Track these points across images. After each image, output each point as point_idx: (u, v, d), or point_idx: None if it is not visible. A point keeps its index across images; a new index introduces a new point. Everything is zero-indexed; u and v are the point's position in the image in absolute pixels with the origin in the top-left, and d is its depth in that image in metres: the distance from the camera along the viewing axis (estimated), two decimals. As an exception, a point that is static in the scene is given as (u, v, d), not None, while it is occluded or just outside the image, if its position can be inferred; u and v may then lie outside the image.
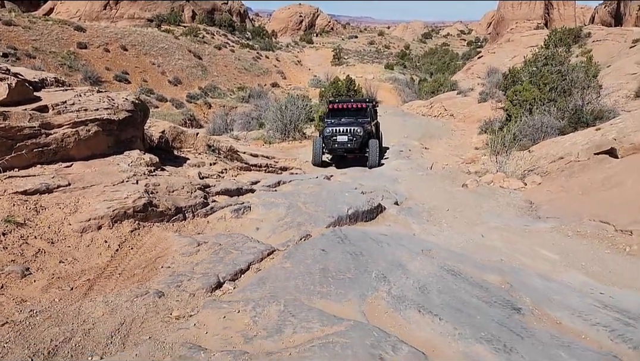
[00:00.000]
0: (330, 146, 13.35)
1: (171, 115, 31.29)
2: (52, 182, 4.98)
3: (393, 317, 3.52)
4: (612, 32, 47.35)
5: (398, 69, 64.06)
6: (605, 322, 3.65)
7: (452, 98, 33.68)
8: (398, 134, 21.68)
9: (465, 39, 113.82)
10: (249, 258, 4.69)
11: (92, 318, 3.21)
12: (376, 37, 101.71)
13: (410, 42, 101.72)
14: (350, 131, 13.17)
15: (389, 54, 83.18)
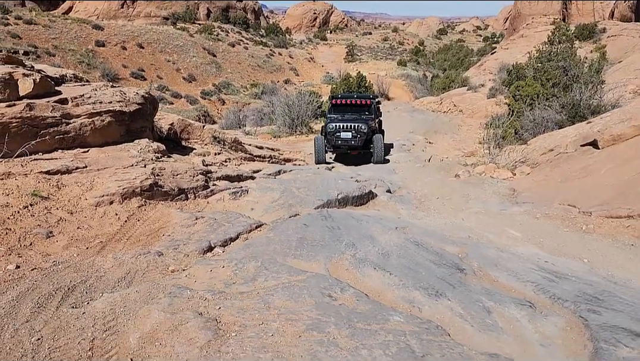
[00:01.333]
0: (334, 143, 13.04)
1: (185, 111, 32.24)
2: (71, 164, 5.77)
3: (351, 272, 4.21)
4: (628, 27, 47.09)
5: (411, 66, 64.22)
6: (535, 280, 4.28)
7: (462, 94, 34.11)
8: (404, 129, 22.20)
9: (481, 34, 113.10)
10: (239, 229, 5.42)
11: (103, 268, 3.96)
12: (390, 33, 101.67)
13: (425, 39, 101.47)
14: (354, 127, 12.88)
15: (403, 51, 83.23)
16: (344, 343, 2.80)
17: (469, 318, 3.43)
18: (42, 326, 2.93)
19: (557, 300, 3.80)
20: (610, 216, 6.32)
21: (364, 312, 3.24)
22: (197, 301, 3.37)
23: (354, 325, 3.02)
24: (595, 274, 4.59)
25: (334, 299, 3.46)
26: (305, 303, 3.34)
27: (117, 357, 2.68)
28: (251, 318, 3.11)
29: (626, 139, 9.21)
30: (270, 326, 3.01)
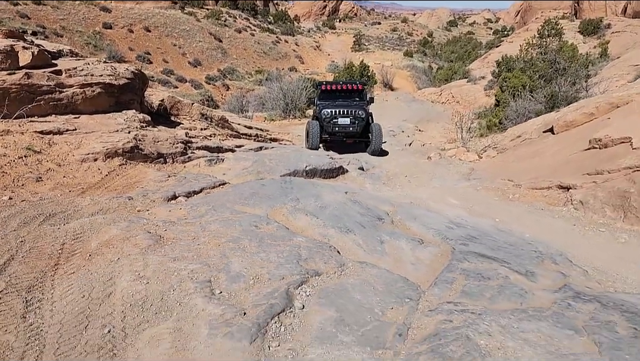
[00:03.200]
0: (331, 130, 12.22)
1: (190, 95, 33.02)
2: (62, 127, 6.70)
3: (285, 216, 5.10)
4: (632, 23, 47.25)
5: (417, 57, 64.47)
6: (439, 228, 5.15)
7: (461, 86, 34.78)
8: (398, 118, 22.95)
9: (491, 27, 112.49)
10: (203, 185, 6.33)
11: (80, 205, 4.89)
12: (399, 24, 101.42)
13: (435, 30, 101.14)
14: (352, 113, 12.20)
15: (411, 42, 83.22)
16: (250, 249, 3.71)
17: (364, 246, 4.33)
18: (26, 235, 3.87)
19: (445, 239, 4.68)
20: (534, 187, 7.17)
21: (277, 235, 4.15)
22: (150, 225, 4.30)
23: (264, 241, 3.94)
24: (492, 226, 5.45)
25: (258, 228, 4.37)
26: (234, 230, 4.25)
27: (80, 253, 3.61)
28: (187, 236, 4.03)
29: (577, 125, 10.00)
30: (199, 240, 3.93)
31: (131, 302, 2.93)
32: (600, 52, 36.34)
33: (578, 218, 5.86)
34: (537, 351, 2.47)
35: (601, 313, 2.83)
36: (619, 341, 2.53)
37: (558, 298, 3.06)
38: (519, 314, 2.82)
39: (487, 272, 3.55)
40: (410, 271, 3.88)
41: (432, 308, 2.99)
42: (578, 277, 3.64)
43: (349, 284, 3.31)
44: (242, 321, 2.73)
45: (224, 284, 3.16)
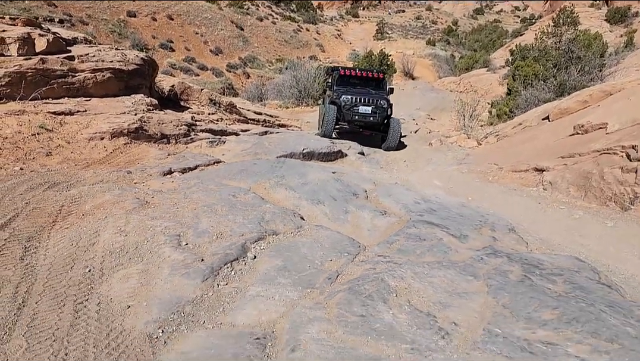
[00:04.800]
0: (350, 117, 11.34)
1: (210, 83, 33.77)
2: (73, 108, 7.35)
3: (266, 190, 5.62)
4: (660, 11, 45.90)
5: (440, 45, 63.89)
6: (407, 203, 5.59)
7: (480, 75, 34.66)
8: (412, 106, 23.23)
9: (519, 15, 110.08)
10: (199, 163, 6.90)
11: (83, 177, 5.51)
12: (424, 12, 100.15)
13: (460, 18, 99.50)
14: (374, 102, 11.31)
15: (435, 30, 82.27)
16: (221, 212, 4.25)
17: (329, 214, 4.82)
18: (31, 198, 4.49)
19: (408, 212, 5.13)
20: (514, 170, 7.51)
21: (249, 203, 4.68)
22: (140, 193, 4.88)
23: (236, 207, 4.47)
24: (459, 203, 5.86)
25: (235, 197, 4.90)
26: (212, 198, 4.80)
27: (75, 213, 4.21)
28: (169, 202, 4.60)
29: (571, 112, 10.22)
30: (179, 205, 4.49)
31: (110, 250, 3.50)
32: (626, 41, 35.57)
33: (544, 197, 6.22)
34: (437, 290, 2.94)
35: (505, 265, 3.26)
36: (505, 284, 2.97)
37: (475, 254, 3.50)
38: (434, 264, 3.28)
39: (426, 235, 4.01)
40: (364, 235, 4.36)
41: (364, 260, 3.48)
42: (509, 242, 4.06)
43: (300, 242, 3.82)
44: (199, 266, 3.27)
45: (190, 238, 3.70)
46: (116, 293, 3.02)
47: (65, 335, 2.59)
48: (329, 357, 2.36)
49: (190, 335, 2.67)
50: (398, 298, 2.88)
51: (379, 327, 2.59)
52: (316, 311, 2.79)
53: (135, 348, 2.56)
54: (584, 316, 2.53)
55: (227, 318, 2.83)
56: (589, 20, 47.88)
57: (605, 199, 5.56)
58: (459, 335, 2.50)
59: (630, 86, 9.30)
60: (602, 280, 3.15)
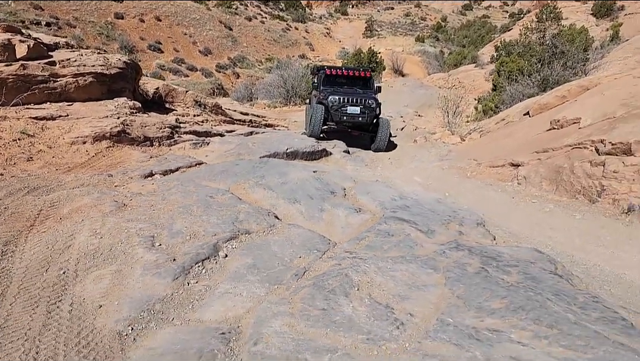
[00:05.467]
0: (339, 118, 11.11)
1: (200, 84, 33.75)
2: (55, 113, 7.41)
3: (245, 190, 5.73)
4: (646, 5, 46.40)
5: (429, 42, 64.13)
6: (384, 200, 5.71)
7: (468, 71, 34.93)
8: (400, 103, 23.39)
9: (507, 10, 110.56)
10: (181, 164, 6.99)
11: (64, 181, 5.59)
12: (412, 8, 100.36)
13: (449, 14, 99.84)
14: (362, 101, 11.09)
15: (424, 26, 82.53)
16: (196, 213, 4.36)
17: (305, 213, 4.94)
18: (10, 203, 4.57)
19: (382, 208, 5.25)
20: (492, 165, 7.66)
21: (225, 204, 4.79)
22: (118, 196, 4.97)
23: (211, 207, 4.58)
24: (435, 199, 5.99)
25: (212, 198, 5.01)
26: (189, 199, 4.90)
27: (53, 217, 4.30)
28: (147, 204, 4.70)
29: (550, 107, 10.39)
30: (156, 207, 4.59)
31: (85, 252, 3.60)
32: (612, 35, 35.87)
33: (518, 192, 6.38)
34: (397, 283, 3.07)
35: (465, 258, 3.39)
36: (462, 276, 3.10)
37: (439, 248, 3.64)
38: (398, 259, 3.41)
39: (395, 231, 4.14)
40: (337, 232, 4.48)
41: (332, 256, 3.60)
42: (475, 236, 4.20)
43: (272, 241, 3.93)
44: (171, 265, 3.38)
45: (164, 238, 3.81)
46: (89, 293, 3.13)
47: (37, 335, 2.69)
48: (288, 349, 2.48)
49: (159, 332, 2.78)
50: (360, 292, 3.00)
51: (339, 319, 2.71)
52: (281, 306, 2.91)
53: (104, 345, 2.67)
54: (530, 304, 2.66)
55: (196, 314, 2.94)
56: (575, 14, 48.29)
57: (574, 192, 5.72)
58: (413, 325, 2.63)
59: (607, 81, 9.48)
60: (557, 271, 3.29)
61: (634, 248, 4.47)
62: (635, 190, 5.09)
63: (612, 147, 5.64)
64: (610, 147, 5.67)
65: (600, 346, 2.23)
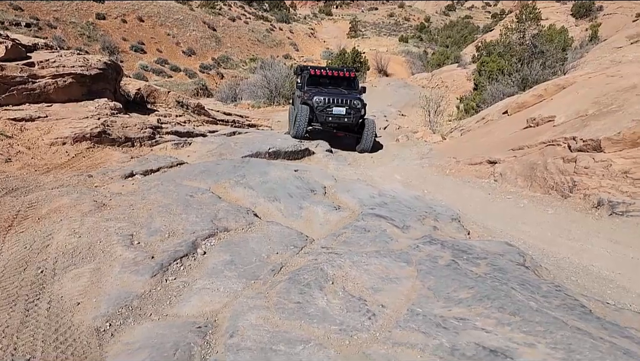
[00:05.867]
0: (324, 119, 10.93)
1: (184, 84, 33.57)
2: (34, 114, 7.36)
3: (226, 189, 5.78)
4: (622, 5, 47.36)
5: (413, 42, 64.60)
6: (363, 197, 5.81)
7: (451, 71, 35.28)
8: (384, 103, 23.57)
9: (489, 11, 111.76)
10: (162, 164, 7.00)
11: (43, 182, 5.58)
12: (396, 9, 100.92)
13: (432, 15, 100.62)
14: (348, 102, 10.90)
15: (408, 27, 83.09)
16: (175, 212, 4.40)
17: (284, 211, 5.01)
18: (-12, 204, 4.56)
19: (361, 206, 5.35)
20: (470, 163, 7.81)
21: (205, 202, 4.84)
22: (98, 196, 4.99)
23: (191, 206, 4.62)
24: (413, 196, 6.11)
25: (192, 197, 5.05)
26: (170, 198, 4.94)
27: (31, 218, 4.31)
28: (127, 203, 4.72)
29: (528, 106, 10.61)
30: (135, 206, 4.62)
31: (64, 251, 3.63)
32: (591, 35, 36.44)
33: (494, 188, 6.53)
34: (372, 276, 3.16)
35: (437, 251, 3.50)
36: (433, 268, 3.20)
37: (413, 243, 3.74)
38: (373, 254, 3.51)
39: (371, 227, 4.23)
40: (315, 229, 4.57)
41: (308, 252, 3.68)
42: (449, 230, 4.32)
43: (250, 238, 4.00)
44: (149, 263, 3.43)
45: (143, 237, 3.85)
46: (67, 291, 3.16)
47: (14, 332, 2.72)
48: (263, 340, 2.55)
49: (137, 327, 2.83)
50: (334, 286, 3.09)
51: (313, 312, 2.79)
52: (257, 300, 2.98)
53: (82, 341, 2.71)
54: (495, 293, 2.77)
55: (173, 310, 3.00)
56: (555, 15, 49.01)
57: (548, 188, 5.88)
58: (384, 316, 2.72)
59: (581, 80, 9.71)
60: (525, 263, 3.41)
61: (602, 241, 4.62)
62: (605, 185, 5.26)
63: (583, 144, 5.81)
64: (581, 144, 5.85)
65: (558, 331, 2.34)
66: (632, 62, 9.96)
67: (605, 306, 2.74)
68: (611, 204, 5.04)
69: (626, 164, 5.21)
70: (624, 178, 5.15)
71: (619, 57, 14.59)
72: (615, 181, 5.18)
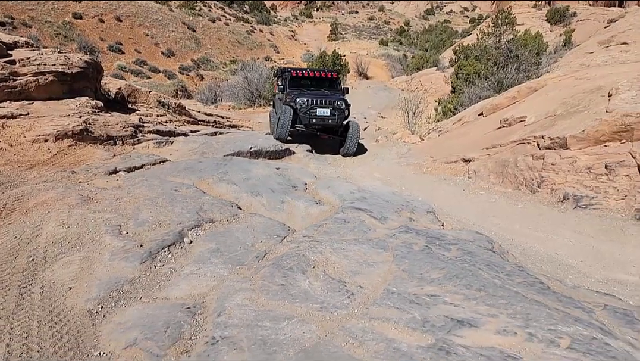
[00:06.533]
0: (308, 120, 10.71)
1: (163, 86, 33.31)
2: (16, 112, 7.38)
3: (209, 185, 5.92)
4: (595, 12, 48.77)
5: (393, 45, 65.26)
6: (343, 193, 6.03)
7: (430, 74, 35.83)
8: (364, 105, 23.88)
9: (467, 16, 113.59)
10: (145, 162, 7.10)
11: (27, 177, 5.64)
12: (376, 12, 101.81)
13: (412, 19, 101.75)
14: (332, 103, 10.71)
15: (388, 30, 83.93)
16: (161, 204, 4.55)
17: (267, 205, 5.19)
18: (-26, 197, 4.63)
19: (341, 200, 5.56)
20: (446, 162, 8.11)
21: (190, 196, 4.99)
22: (84, 191, 5.09)
23: (176, 199, 4.77)
24: (391, 192, 6.36)
25: (177, 191, 5.19)
26: (154, 192, 5.07)
27: (18, 210, 4.40)
28: (113, 197, 4.84)
29: (502, 108, 10.99)
30: (122, 200, 4.74)
31: (53, 240, 3.75)
32: (565, 40, 37.35)
33: (468, 185, 6.82)
34: (350, 261, 3.37)
35: (412, 239, 3.74)
36: (408, 253, 3.43)
37: (390, 232, 3.97)
38: (352, 241, 3.72)
39: (351, 218, 4.45)
40: (297, 221, 4.76)
41: (291, 241, 3.87)
42: (425, 222, 4.56)
43: (234, 228, 4.17)
44: (138, 250, 3.57)
45: (131, 227, 3.99)
46: (59, 277, 3.29)
47: (10, 313, 2.84)
48: (249, 318, 2.73)
49: (128, 309, 2.98)
50: (315, 270, 3.29)
51: (296, 293, 2.99)
52: (243, 284, 3.16)
53: (76, 321, 2.85)
54: (463, 273, 3.01)
55: (163, 293, 3.16)
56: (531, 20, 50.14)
57: (518, 184, 6.19)
58: (362, 295, 2.93)
59: (552, 83, 10.13)
60: (494, 249, 3.67)
61: (566, 231, 4.93)
62: (570, 180, 5.58)
63: (551, 142, 6.14)
64: (549, 142, 6.17)
65: (518, 303, 2.58)
66: (600, 66, 10.43)
67: (562, 284, 3.00)
68: (575, 198, 5.36)
69: (589, 160, 5.55)
70: (587, 173, 5.48)
71: (588, 61, 15.15)
72: (580, 176, 5.51)
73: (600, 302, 2.69)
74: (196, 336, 2.66)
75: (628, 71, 8.09)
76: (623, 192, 5.12)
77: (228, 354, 2.41)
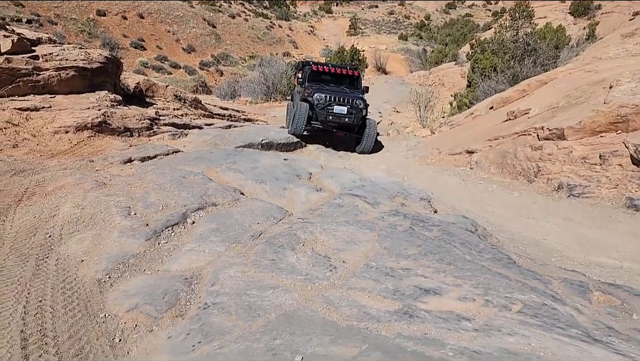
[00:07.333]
0: (324, 117, 10.45)
1: (183, 81, 33.94)
2: (39, 104, 7.83)
3: (217, 173, 6.24)
4: (620, 4, 47.70)
5: (412, 40, 64.83)
6: (345, 182, 6.27)
7: (448, 69, 35.72)
8: (380, 100, 24.03)
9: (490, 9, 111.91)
10: (158, 152, 7.46)
11: (48, 165, 6.04)
12: (396, 6, 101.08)
13: (432, 13, 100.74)
14: (350, 101, 10.42)
15: (408, 25, 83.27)
16: (169, 189, 4.87)
17: (269, 191, 5.48)
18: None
19: (343, 188, 5.81)
20: (451, 153, 8.27)
21: (197, 182, 5.30)
22: (99, 177, 5.45)
23: (183, 185, 5.09)
24: (392, 182, 6.57)
25: (185, 178, 5.52)
26: (164, 179, 5.40)
27: (39, 194, 4.78)
28: (125, 182, 5.19)
29: (512, 101, 11.06)
30: (133, 184, 5.09)
31: (69, 220, 4.10)
32: (588, 33, 36.69)
33: (469, 175, 6.99)
34: (338, 240, 3.63)
35: (399, 221, 3.97)
36: (392, 233, 3.67)
37: (379, 215, 4.21)
38: (342, 223, 3.97)
39: (345, 203, 4.70)
40: (296, 206, 5.03)
41: (286, 222, 4.15)
42: (416, 207, 4.78)
43: (235, 211, 4.47)
44: (144, 229, 3.90)
45: (139, 209, 4.32)
46: (72, 251, 3.63)
47: (27, 281, 3.19)
48: (239, 287, 3.02)
49: (132, 279, 3.30)
50: (304, 247, 3.56)
51: (284, 266, 3.26)
52: (237, 259, 3.44)
53: (85, 289, 3.18)
54: (438, 250, 3.24)
55: (164, 266, 3.47)
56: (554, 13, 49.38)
57: (516, 174, 6.34)
58: (344, 269, 3.19)
59: (562, 75, 10.17)
60: (477, 231, 3.88)
61: (556, 219, 5.09)
62: (565, 170, 5.72)
63: (549, 133, 6.27)
64: (548, 132, 6.30)
65: (482, 275, 2.81)
66: (611, 59, 10.41)
67: (533, 262, 3.21)
68: (569, 187, 5.50)
69: (585, 151, 5.67)
70: (582, 163, 5.60)
71: (601, 53, 15.02)
72: (575, 166, 5.64)
73: (563, 276, 2.89)
74: (191, 302, 2.96)
75: (635, 64, 8.12)
76: (615, 181, 5.24)
77: (217, 317, 2.70)
